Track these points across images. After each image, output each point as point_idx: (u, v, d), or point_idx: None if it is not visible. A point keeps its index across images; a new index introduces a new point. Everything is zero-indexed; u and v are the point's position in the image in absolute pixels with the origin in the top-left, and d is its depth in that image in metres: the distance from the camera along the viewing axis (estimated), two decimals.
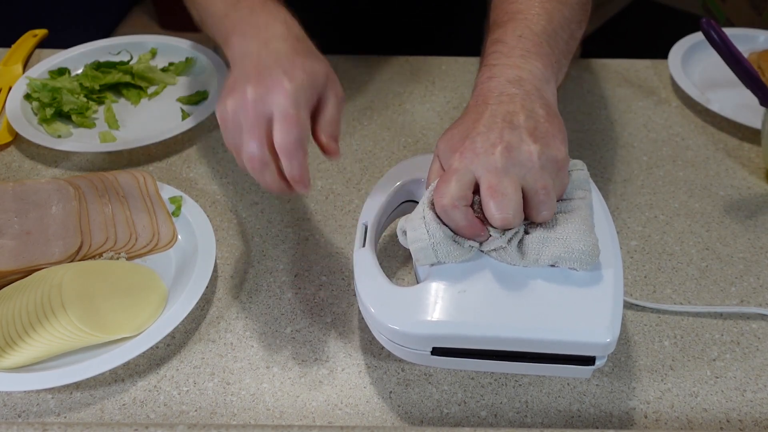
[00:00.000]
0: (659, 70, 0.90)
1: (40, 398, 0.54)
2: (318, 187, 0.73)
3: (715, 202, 0.71)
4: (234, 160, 0.75)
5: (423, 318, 0.48)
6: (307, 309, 0.61)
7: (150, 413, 0.53)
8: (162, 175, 0.74)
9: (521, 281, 0.50)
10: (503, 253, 0.49)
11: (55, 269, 0.58)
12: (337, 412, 0.53)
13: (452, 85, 0.87)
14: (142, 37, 0.92)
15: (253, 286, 0.62)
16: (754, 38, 0.93)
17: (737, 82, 0.68)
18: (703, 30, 0.65)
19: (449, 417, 0.53)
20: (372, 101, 0.85)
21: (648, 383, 0.55)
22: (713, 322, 0.60)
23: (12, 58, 0.90)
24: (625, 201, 0.71)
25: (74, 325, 0.53)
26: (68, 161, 0.76)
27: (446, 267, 0.50)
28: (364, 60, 0.91)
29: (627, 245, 0.66)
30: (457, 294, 0.49)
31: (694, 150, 0.78)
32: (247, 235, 0.67)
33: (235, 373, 0.56)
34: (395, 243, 0.66)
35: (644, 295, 0.62)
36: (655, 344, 0.58)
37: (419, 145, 0.78)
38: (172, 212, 0.66)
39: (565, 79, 0.88)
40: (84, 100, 0.82)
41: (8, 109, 0.79)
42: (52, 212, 0.64)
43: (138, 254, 0.63)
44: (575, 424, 0.52)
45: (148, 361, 0.56)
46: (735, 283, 0.63)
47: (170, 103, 0.84)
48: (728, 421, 0.53)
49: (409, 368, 0.56)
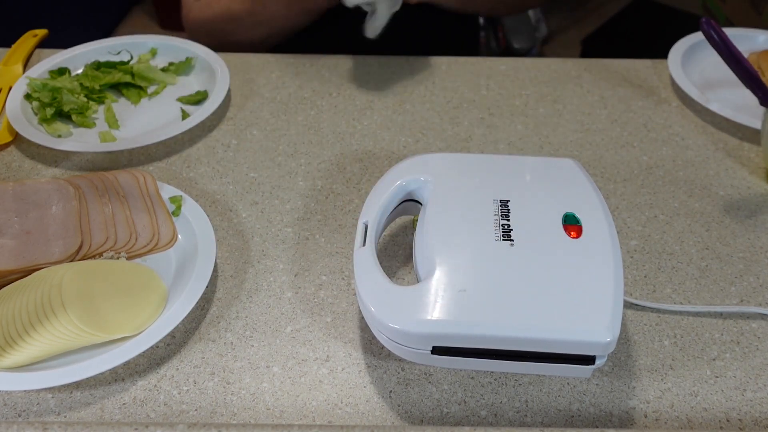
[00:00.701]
0: (659, 70, 0.90)
1: (40, 398, 0.54)
2: (318, 187, 0.73)
3: (715, 202, 0.71)
4: (234, 159, 0.76)
5: (423, 317, 0.48)
6: (307, 309, 0.61)
7: (150, 413, 0.53)
8: (162, 175, 0.74)
9: (521, 280, 0.50)
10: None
11: (55, 269, 0.58)
12: (337, 411, 0.53)
13: (452, 85, 0.87)
14: (142, 37, 0.92)
15: (253, 286, 0.62)
16: (754, 38, 0.93)
17: (737, 82, 0.68)
18: (703, 30, 0.65)
19: (449, 416, 0.53)
20: (372, 101, 0.85)
21: (648, 383, 0.55)
22: (713, 322, 0.60)
23: (12, 58, 0.90)
24: (625, 201, 0.71)
25: (74, 324, 0.53)
26: (68, 161, 0.76)
27: (447, 266, 0.50)
28: (364, 60, 0.91)
29: (627, 245, 0.66)
30: (457, 293, 0.49)
31: (694, 150, 0.78)
32: (247, 235, 0.67)
33: (235, 372, 0.56)
34: (395, 242, 0.66)
35: (644, 295, 0.62)
36: (655, 344, 0.58)
37: (419, 145, 0.78)
38: (172, 212, 0.66)
39: (566, 78, 0.89)
40: (84, 100, 0.82)
41: (8, 108, 0.79)
42: (52, 212, 0.64)
43: (138, 254, 0.63)
44: (575, 423, 0.52)
45: (148, 361, 0.56)
46: (735, 283, 0.63)
47: (170, 103, 0.84)
48: (728, 420, 0.53)
49: (409, 368, 0.56)
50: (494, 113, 0.83)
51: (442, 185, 0.58)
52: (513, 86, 0.87)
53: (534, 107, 0.84)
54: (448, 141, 0.79)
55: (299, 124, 0.81)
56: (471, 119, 0.82)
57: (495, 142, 0.79)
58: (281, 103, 0.84)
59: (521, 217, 0.54)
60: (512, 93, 0.86)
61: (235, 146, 0.78)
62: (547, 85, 0.88)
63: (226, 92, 0.82)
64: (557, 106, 0.84)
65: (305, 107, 0.84)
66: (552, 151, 0.78)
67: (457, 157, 0.62)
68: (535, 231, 0.53)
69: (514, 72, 0.90)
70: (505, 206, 0.55)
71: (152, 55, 0.91)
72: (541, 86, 0.88)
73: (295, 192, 0.72)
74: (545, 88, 0.87)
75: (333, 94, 0.86)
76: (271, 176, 0.74)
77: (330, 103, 0.84)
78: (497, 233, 0.53)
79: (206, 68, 0.88)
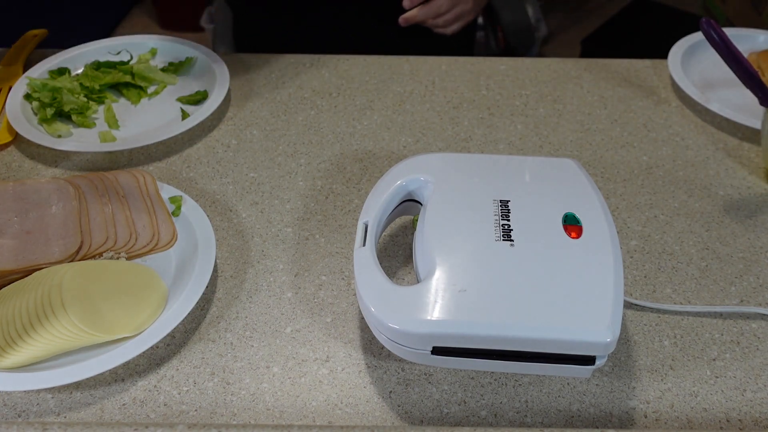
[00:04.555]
0: (659, 70, 0.90)
1: (40, 398, 0.54)
2: (318, 187, 0.73)
3: (715, 201, 0.71)
4: (234, 159, 0.76)
5: (423, 317, 0.48)
6: (307, 309, 0.61)
7: (150, 413, 0.53)
8: (162, 175, 0.74)
9: (522, 280, 0.50)
10: None
11: (55, 269, 0.58)
12: (337, 411, 0.53)
13: (452, 85, 0.87)
14: (142, 37, 0.92)
15: (253, 286, 0.62)
16: (754, 38, 0.93)
17: (737, 82, 0.68)
18: (703, 30, 0.65)
19: (449, 417, 0.53)
20: (372, 101, 0.85)
21: (648, 383, 0.55)
22: (713, 322, 0.60)
23: (12, 58, 0.90)
24: (625, 201, 0.71)
25: (74, 324, 0.53)
26: (68, 161, 0.76)
27: (447, 266, 0.50)
28: (364, 60, 0.91)
29: (627, 245, 0.66)
30: (457, 293, 0.49)
31: (694, 150, 0.78)
32: (247, 235, 0.67)
33: (235, 372, 0.56)
34: (395, 242, 0.66)
35: (644, 295, 0.62)
36: (655, 344, 0.58)
37: (419, 145, 0.78)
38: (172, 212, 0.66)
39: (566, 78, 0.89)
40: (84, 100, 0.82)
41: (8, 108, 0.79)
42: (52, 212, 0.64)
43: (138, 254, 0.63)
44: (575, 423, 0.52)
45: (148, 361, 0.56)
46: (735, 283, 0.63)
47: (170, 103, 0.84)
48: (728, 420, 0.53)
49: (409, 368, 0.56)
50: (494, 113, 0.83)
51: (442, 185, 0.58)
52: (513, 86, 0.87)
53: (534, 107, 0.84)
54: (448, 141, 0.79)
55: (299, 124, 0.81)
56: (471, 119, 0.82)
57: (495, 142, 0.79)
58: (281, 103, 0.84)
59: (521, 217, 0.54)
60: (512, 93, 0.86)
61: (235, 146, 0.78)
62: (547, 85, 0.88)
63: (226, 92, 0.82)
64: (557, 106, 0.84)
65: (305, 107, 0.84)
66: (552, 151, 0.78)
67: (457, 157, 0.62)
68: (536, 231, 0.53)
69: (514, 72, 0.90)
70: (505, 206, 0.55)
71: (152, 55, 0.91)
72: (541, 86, 0.88)
73: (295, 192, 0.72)
74: (545, 88, 0.87)
75: (333, 94, 0.86)
76: (271, 176, 0.74)
77: (330, 103, 0.84)
78: (497, 233, 0.53)
79: (206, 68, 0.88)
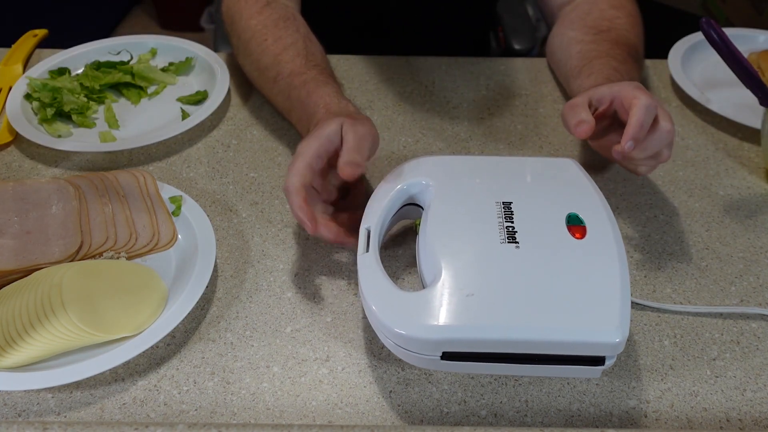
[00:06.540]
0: (659, 70, 0.90)
1: (40, 397, 0.54)
2: None
3: (714, 201, 0.71)
4: (234, 159, 0.76)
5: (433, 322, 0.48)
6: (307, 308, 0.61)
7: (150, 412, 0.53)
8: (162, 175, 0.74)
9: (529, 283, 0.50)
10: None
11: (55, 269, 0.58)
12: (337, 411, 0.53)
13: (452, 85, 0.87)
14: (142, 37, 0.92)
15: (253, 286, 0.62)
16: (754, 38, 0.93)
17: (737, 82, 0.68)
18: (703, 30, 0.65)
19: (449, 416, 0.53)
20: (372, 101, 0.85)
21: (648, 383, 0.55)
22: (713, 322, 0.60)
23: (12, 58, 0.90)
24: (625, 201, 0.71)
25: (74, 324, 0.53)
26: (68, 161, 0.76)
27: (453, 271, 0.50)
28: (364, 60, 0.91)
29: (627, 245, 0.66)
30: (465, 297, 0.49)
31: (694, 150, 0.78)
32: (247, 235, 0.67)
33: (235, 372, 0.56)
34: (398, 246, 0.66)
35: (644, 295, 0.62)
36: (655, 344, 0.58)
37: (419, 145, 0.78)
38: (172, 212, 0.66)
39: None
40: (84, 100, 0.82)
41: (8, 108, 0.79)
42: (52, 212, 0.64)
43: (138, 254, 0.63)
44: (575, 423, 0.52)
45: (148, 361, 0.56)
46: (735, 283, 0.63)
47: (170, 103, 0.84)
48: (728, 420, 0.53)
49: (409, 368, 0.56)
50: (494, 113, 0.83)
51: (444, 188, 0.58)
52: (513, 86, 0.87)
53: (534, 107, 0.84)
54: (447, 141, 0.79)
55: None
56: (471, 119, 0.82)
57: (495, 142, 0.79)
58: None
59: (525, 219, 0.54)
60: (512, 93, 0.86)
61: (235, 146, 0.78)
62: (547, 85, 0.88)
63: (226, 92, 0.82)
64: (557, 106, 0.84)
65: None
66: (552, 151, 0.78)
67: (456, 159, 0.62)
68: (540, 233, 0.53)
69: (514, 72, 0.90)
70: (508, 208, 0.55)
71: (152, 55, 0.91)
72: (541, 86, 0.88)
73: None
74: (545, 88, 0.87)
75: None
76: (271, 176, 0.74)
77: None
78: (502, 236, 0.53)
79: (206, 68, 0.88)
